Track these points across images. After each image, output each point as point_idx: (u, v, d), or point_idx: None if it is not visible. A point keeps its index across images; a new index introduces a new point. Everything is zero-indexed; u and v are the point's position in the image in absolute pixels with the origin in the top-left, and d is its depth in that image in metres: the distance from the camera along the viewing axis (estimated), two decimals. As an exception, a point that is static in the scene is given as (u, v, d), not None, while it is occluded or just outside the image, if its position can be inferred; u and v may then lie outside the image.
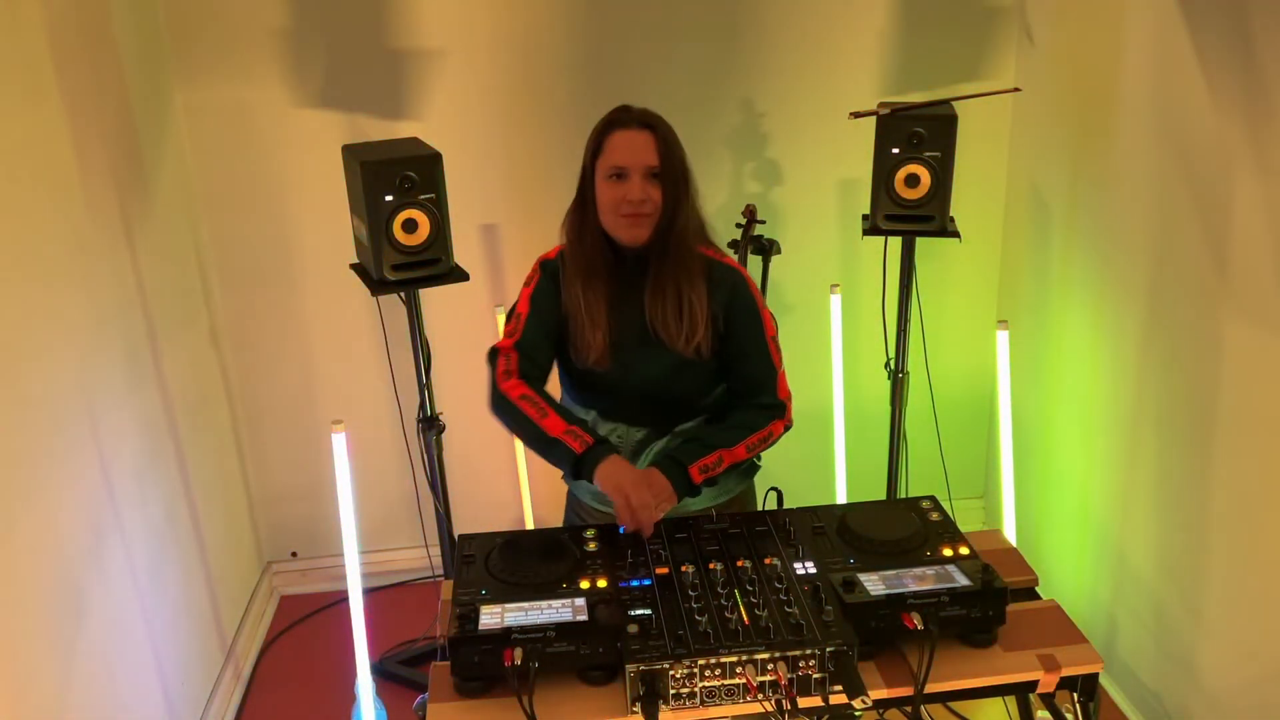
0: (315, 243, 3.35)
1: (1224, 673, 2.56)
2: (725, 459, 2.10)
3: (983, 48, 3.37)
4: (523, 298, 2.20)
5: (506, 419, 2.13)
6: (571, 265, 2.14)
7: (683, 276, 2.10)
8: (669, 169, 2.06)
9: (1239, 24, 2.33)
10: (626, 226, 2.07)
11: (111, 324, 2.59)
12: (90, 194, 2.52)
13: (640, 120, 2.06)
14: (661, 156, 2.05)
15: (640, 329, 2.13)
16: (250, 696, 3.23)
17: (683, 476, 2.06)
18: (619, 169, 2.05)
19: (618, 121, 2.07)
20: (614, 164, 2.05)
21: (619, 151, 2.05)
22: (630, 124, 2.05)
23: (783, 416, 2.18)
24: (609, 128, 2.07)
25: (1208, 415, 2.52)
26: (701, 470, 2.07)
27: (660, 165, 2.05)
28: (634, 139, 2.04)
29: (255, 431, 3.56)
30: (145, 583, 2.64)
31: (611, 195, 2.06)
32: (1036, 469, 3.37)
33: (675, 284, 2.10)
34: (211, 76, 3.17)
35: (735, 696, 1.69)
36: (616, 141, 2.05)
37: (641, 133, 2.04)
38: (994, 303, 3.65)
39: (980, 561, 1.88)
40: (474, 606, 1.78)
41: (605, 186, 2.07)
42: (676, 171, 2.07)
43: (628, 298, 2.14)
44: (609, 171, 2.05)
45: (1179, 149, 2.57)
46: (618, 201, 2.05)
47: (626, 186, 2.04)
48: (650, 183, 2.05)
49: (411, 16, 3.20)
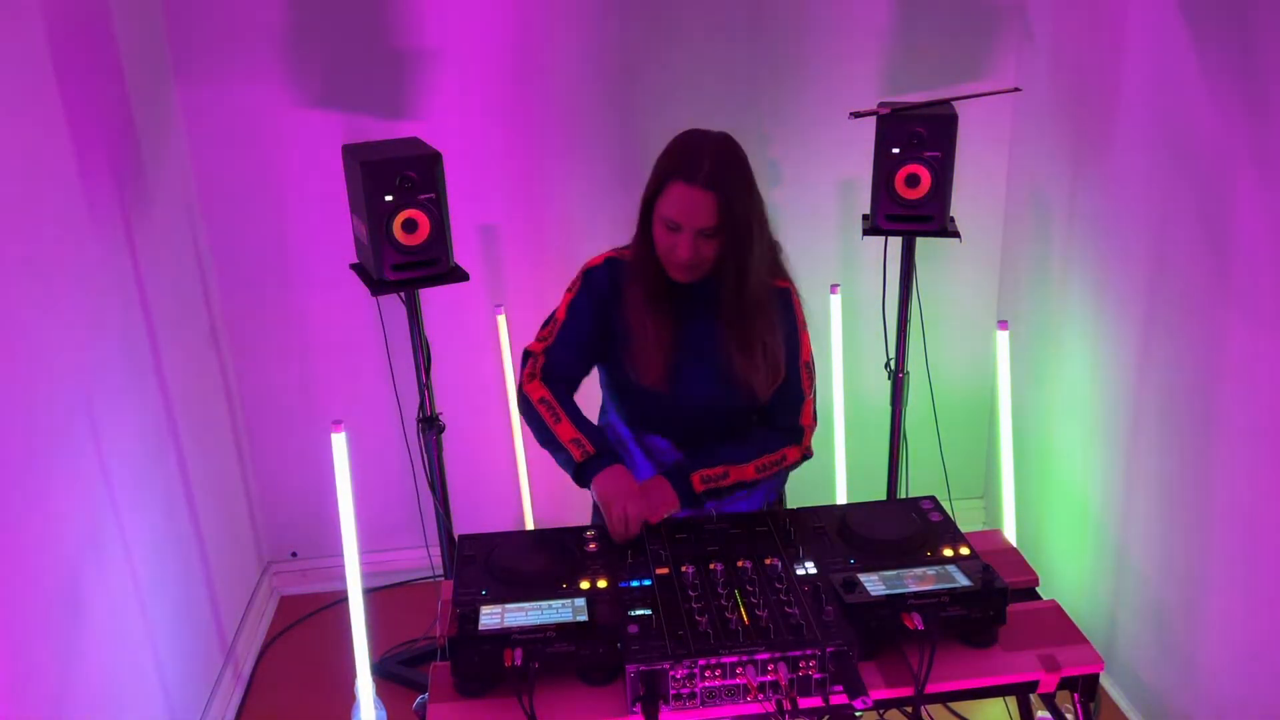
0: (315, 243, 3.35)
1: (1224, 673, 2.56)
2: (731, 475, 2.08)
3: (983, 48, 3.37)
4: (562, 304, 2.18)
5: (526, 417, 2.16)
6: (636, 285, 2.09)
7: (760, 320, 2.06)
8: (729, 228, 1.97)
9: (1239, 24, 2.33)
10: (675, 272, 2.04)
11: (111, 324, 2.59)
12: (90, 194, 2.52)
13: (706, 181, 1.93)
14: (721, 219, 1.95)
15: (699, 352, 2.11)
16: (250, 697, 3.23)
17: (686, 484, 2.06)
18: (673, 223, 1.97)
19: (683, 172, 1.94)
20: (668, 216, 1.97)
21: (675, 207, 1.95)
22: (695, 180, 1.93)
23: (799, 442, 2.16)
24: (673, 174, 1.96)
25: (1208, 415, 2.52)
26: (704, 480, 2.07)
27: (717, 227, 1.96)
28: (694, 198, 1.93)
29: (255, 431, 3.56)
30: (145, 583, 2.64)
31: (665, 242, 2.01)
32: (1036, 469, 3.37)
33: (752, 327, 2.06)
34: (211, 76, 3.17)
35: (735, 697, 1.69)
36: (676, 195, 1.95)
37: (705, 195, 1.93)
38: (994, 303, 3.65)
39: (980, 562, 1.88)
40: (474, 606, 1.78)
41: (660, 229, 2.00)
42: (738, 227, 1.97)
43: (690, 321, 2.10)
44: (664, 220, 1.98)
45: (1179, 149, 2.57)
46: (668, 250, 2.01)
47: (678, 240, 1.97)
48: (703, 240, 1.97)
49: (411, 16, 3.20)
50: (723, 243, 1.99)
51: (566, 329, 2.16)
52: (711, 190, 1.93)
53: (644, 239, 2.05)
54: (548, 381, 2.14)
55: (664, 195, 1.97)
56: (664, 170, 1.98)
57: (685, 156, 1.96)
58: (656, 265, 2.05)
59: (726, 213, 1.95)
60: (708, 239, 1.98)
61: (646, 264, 2.06)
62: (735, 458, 2.10)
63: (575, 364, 2.18)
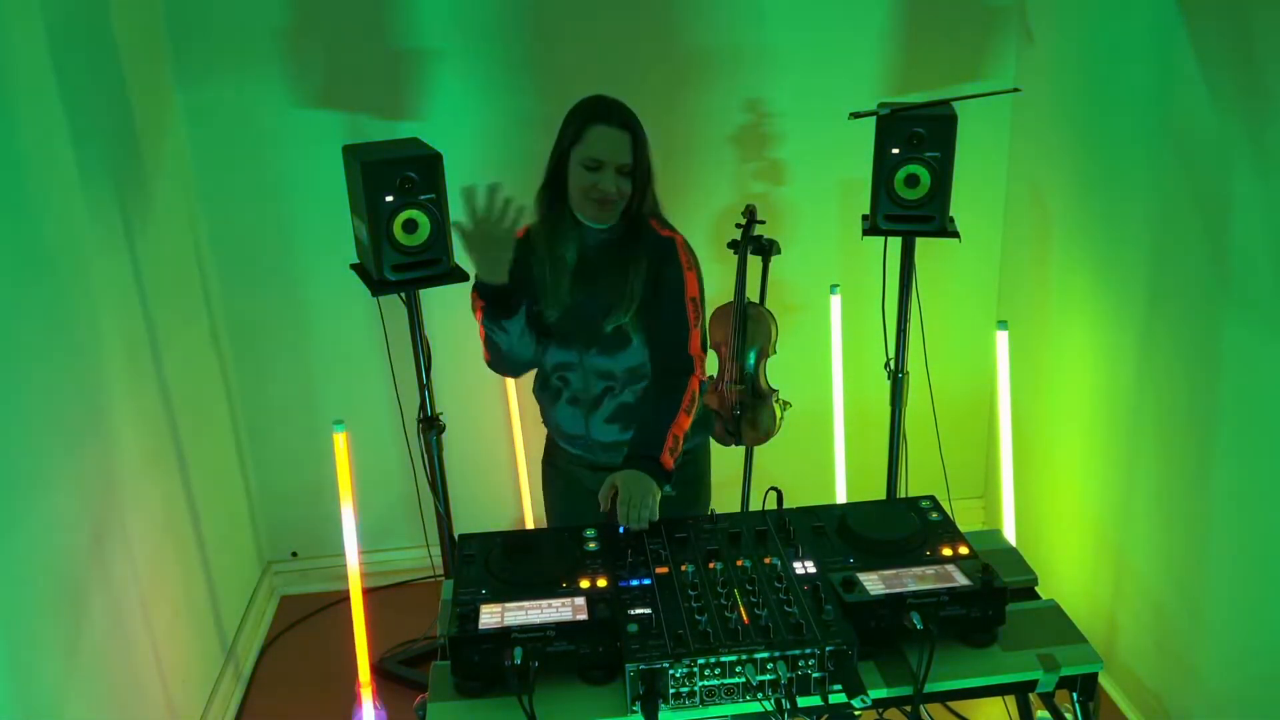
0: (315, 243, 3.35)
1: (1224, 673, 2.56)
2: (677, 434, 2.22)
3: (983, 48, 3.37)
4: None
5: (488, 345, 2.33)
6: (542, 238, 2.31)
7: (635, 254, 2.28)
8: (641, 168, 2.24)
9: (1239, 24, 2.33)
10: (595, 209, 2.24)
11: (111, 324, 2.59)
12: (90, 194, 2.52)
13: (621, 121, 2.21)
14: (636, 157, 2.23)
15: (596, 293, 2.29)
16: (250, 696, 3.24)
17: (657, 466, 2.14)
18: (596, 162, 2.20)
19: (600, 117, 2.21)
20: (591, 156, 2.20)
21: (598, 146, 2.20)
22: (612, 121, 2.20)
23: (693, 371, 2.29)
24: (591, 120, 2.21)
25: (1207, 415, 2.52)
26: (670, 453, 2.17)
27: (634, 164, 2.22)
28: (614, 137, 2.20)
29: (255, 431, 3.56)
30: (145, 582, 2.64)
31: (585, 181, 2.22)
32: (1036, 469, 3.37)
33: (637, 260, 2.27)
34: (211, 76, 3.17)
35: (735, 696, 1.70)
36: (596, 136, 2.20)
37: (622, 133, 2.20)
38: (994, 303, 3.65)
39: (980, 561, 1.88)
40: (474, 606, 1.78)
41: (579, 172, 2.22)
42: (645, 169, 2.26)
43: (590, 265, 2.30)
44: (585, 161, 2.21)
45: (1179, 149, 2.57)
46: (590, 188, 2.22)
47: (600, 177, 2.21)
48: (622, 177, 2.22)
49: (411, 16, 3.20)
50: (635, 184, 2.24)
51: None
52: (626, 130, 2.21)
53: (556, 189, 2.28)
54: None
55: (583, 139, 2.21)
56: (580, 119, 2.23)
57: (598, 106, 2.24)
58: (564, 212, 2.28)
59: (640, 152, 2.23)
60: (624, 177, 2.22)
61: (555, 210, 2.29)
62: (669, 418, 2.22)
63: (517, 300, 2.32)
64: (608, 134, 2.20)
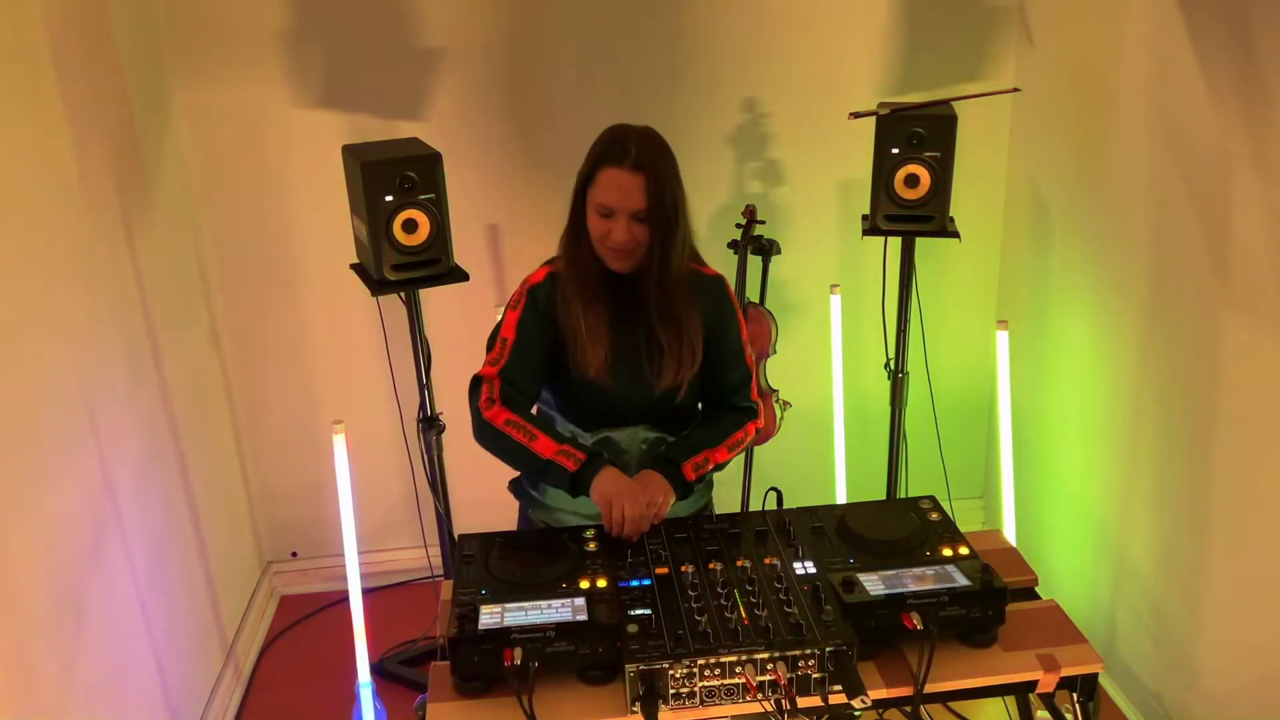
0: (315, 243, 3.35)
1: (1224, 673, 2.56)
2: (711, 459, 2.16)
3: (983, 48, 3.37)
4: (508, 323, 2.16)
5: (494, 446, 2.12)
6: (570, 285, 2.12)
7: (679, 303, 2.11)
8: (657, 212, 2.02)
9: (1239, 24, 2.33)
10: (611, 259, 2.09)
11: (111, 324, 2.59)
12: (90, 194, 2.52)
13: (634, 162, 2.00)
14: (650, 202, 2.01)
15: (638, 345, 2.14)
16: (250, 696, 3.23)
17: (677, 474, 2.10)
18: (607, 209, 2.03)
19: (611, 158, 2.02)
20: (601, 202, 2.03)
21: (607, 192, 2.02)
22: (624, 164, 2.00)
23: (755, 418, 2.26)
24: (603, 161, 2.03)
25: (1207, 415, 2.52)
26: (694, 468, 2.13)
27: (648, 210, 2.02)
28: (624, 181, 2.00)
29: (255, 431, 3.56)
30: (145, 583, 2.64)
31: (599, 229, 2.06)
32: (1036, 469, 3.37)
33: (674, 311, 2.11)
34: (211, 76, 3.17)
35: (735, 696, 1.70)
36: (607, 180, 2.02)
37: (634, 177, 2.00)
38: (994, 303, 3.65)
39: (980, 561, 1.88)
40: (474, 606, 1.78)
41: (594, 218, 2.06)
42: (666, 212, 2.03)
43: (626, 315, 2.14)
44: (597, 206, 2.04)
45: (1179, 149, 2.57)
46: (603, 236, 2.05)
47: (612, 225, 2.03)
48: (636, 224, 2.03)
49: (411, 16, 3.20)
50: (653, 230, 2.04)
51: (518, 348, 2.14)
52: (640, 173, 2.00)
53: (578, 233, 2.10)
54: (508, 404, 2.11)
55: (595, 182, 2.03)
56: (593, 159, 2.05)
57: (613, 144, 2.04)
58: (592, 256, 2.10)
59: (655, 195, 2.01)
60: (640, 223, 2.03)
61: (582, 256, 2.11)
62: (709, 443, 2.17)
63: (531, 381, 2.17)
64: (618, 178, 2.00)
